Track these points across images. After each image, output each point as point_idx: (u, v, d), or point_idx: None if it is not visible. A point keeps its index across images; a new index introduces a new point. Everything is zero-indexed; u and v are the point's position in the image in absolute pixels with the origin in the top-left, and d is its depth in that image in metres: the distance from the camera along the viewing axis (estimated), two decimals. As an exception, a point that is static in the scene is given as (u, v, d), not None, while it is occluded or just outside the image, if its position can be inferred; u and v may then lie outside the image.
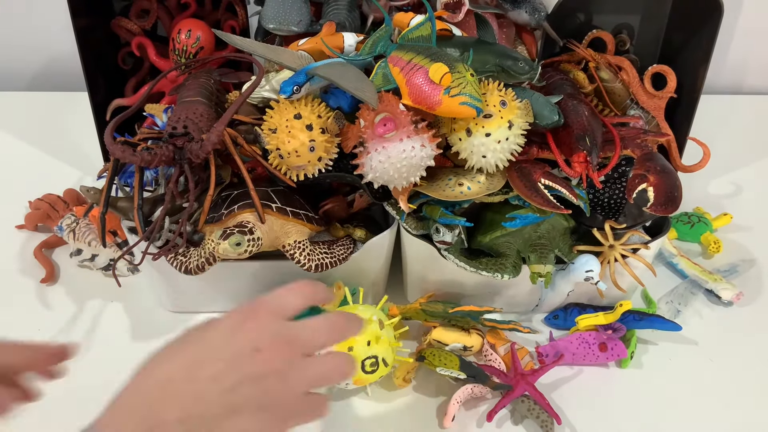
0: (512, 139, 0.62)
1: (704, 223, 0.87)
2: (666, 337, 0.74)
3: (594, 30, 0.81)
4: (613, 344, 0.70)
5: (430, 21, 0.62)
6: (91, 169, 0.96)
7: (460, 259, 0.67)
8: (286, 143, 0.61)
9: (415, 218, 0.69)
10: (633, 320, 0.71)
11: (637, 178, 0.64)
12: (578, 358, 0.70)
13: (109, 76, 0.86)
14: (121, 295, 0.77)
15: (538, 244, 0.69)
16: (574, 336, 0.71)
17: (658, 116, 0.78)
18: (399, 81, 0.60)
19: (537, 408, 0.65)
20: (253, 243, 0.63)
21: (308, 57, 0.66)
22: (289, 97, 0.61)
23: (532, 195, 0.63)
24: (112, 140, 0.60)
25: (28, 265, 0.82)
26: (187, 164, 0.62)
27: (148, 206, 0.67)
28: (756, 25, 1.12)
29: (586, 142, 0.64)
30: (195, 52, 0.79)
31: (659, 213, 0.63)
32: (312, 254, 0.67)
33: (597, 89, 0.78)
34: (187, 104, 0.66)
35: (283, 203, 0.66)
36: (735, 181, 0.99)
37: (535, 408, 0.65)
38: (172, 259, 0.66)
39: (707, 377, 0.71)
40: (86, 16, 0.78)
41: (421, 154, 0.60)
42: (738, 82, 1.20)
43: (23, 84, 1.17)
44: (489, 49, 0.65)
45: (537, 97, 0.65)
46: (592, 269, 0.68)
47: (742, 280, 0.82)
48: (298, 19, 0.70)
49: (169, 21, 0.84)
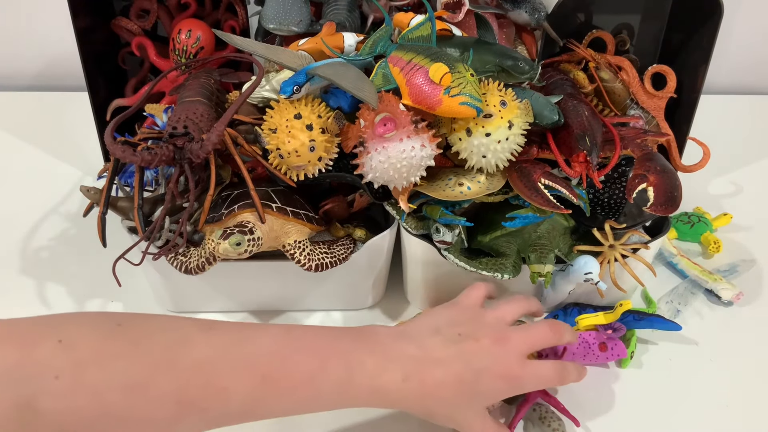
0: (512, 139, 0.62)
1: (704, 223, 0.87)
2: (666, 337, 0.74)
3: (594, 30, 0.81)
4: (613, 344, 0.70)
5: (430, 21, 0.62)
6: (91, 169, 0.96)
7: (460, 259, 0.67)
8: (286, 143, 0.61)
9: (415, 218, 0.69)
10: (633, 320, 0.71)
11: (637, 178, 0.64)
12: (578, 358, 0.70)
13: (109, 76, 0.86)
14: (121, 295, 0.77)
15: (538, 244, 0.69)
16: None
17: (658, 116, 0.78)
18: (399, 81, 0.60)
19: (549, 415, 0.64)
20: (253, 243, 0.63)
21: (308, 57, 0.66)
22: (289, 97, 0.61)
23: (532, 195, 0.63)
24: (112, 140, 0.60)
25: (29, 265, 0.82)
26: (188, 164, 0.62)
27: (148, 206, 0.67)
28: (756, 25, 1.12)
29: (586, 142, 0.64)
30: (195, 52, 0.79)
31: (659, 213, 0.63)
32: (312, 254, 0.67)
33: (597, 89, 0.78)
34: (188, 104, 0.66)
35: (283, 203, 0.67)
36: (735, 181, 0.99)
37: (547, 416, 0.64)
38: (172, 259, 0.66)
39: (707, 377, 0.71)
40: (86, 17, 0.78)
41: (421, 154, 0.60)
42: (738, 82, 1.20)
43: (23, 84, 1.17)
44: (489, 49, 0.65)
45: (537, 97, 0.65)
46: (591, 271, 0.68)
47: (742, 280, 0.82)
48: (298, 19, 0.70)
49: (169, 21, 0.84)
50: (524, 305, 0.64)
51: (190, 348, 0.50)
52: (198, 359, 0.50)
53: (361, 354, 0.55)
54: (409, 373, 0.55)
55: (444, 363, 0.56)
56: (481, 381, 0.56)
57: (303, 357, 0.53)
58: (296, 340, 0.55)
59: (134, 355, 0.48)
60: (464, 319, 0.61)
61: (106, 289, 0.77)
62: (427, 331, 0.59)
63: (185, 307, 0.76)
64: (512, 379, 0.57)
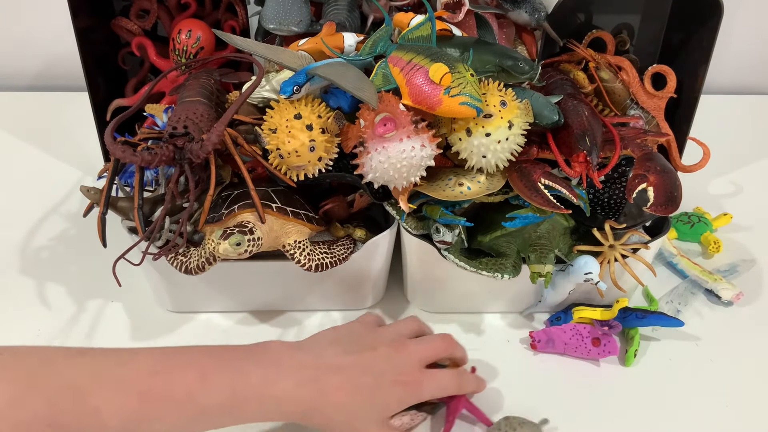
0: (512, 139, 0.62)
1: (704, 223, 0.87)
2: (666, 336, 0.74)
3: (594, 30, 0.81)
4: (607, 341, 0.70)
5: (430, 21, 0.62)
6: (91, 169, 0.96)
7: (460, 259, 0.67)
8: (286, 143, 0.61)
9: (415, 218, 0.69)
10: (635, 318, 0.72)
11: (637, 178, 0.64)
12: (569, 349, 0.71)
13: (109, 76, 0.86)
14: (121, 295, 0.76)
15: (538, 244, 0.69)
16: (568, 326, 0.71)
17: (658, 116, 0.78)
18: (399, 81, 0.60)
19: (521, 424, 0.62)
20: (253, 243, 0.63)
21: (308, 57, 0.66)
22: (289, 97, 0.61)
23: (532, 195, 0.63)
24: (112, 140, 0.60)
25: (29, 265, 0.82)
26: (188, 164, 0.62)
27: (148, 206, 0.67)
28: (756, 25, 1.12)
29: (586, 142, 0.64)
30: (195, 52, 0.79)
31: (659, 213, 0.63)
32: (312, 254, 0.67)
33: (597, 89, 0.78)
34: (188, 104, 0.66)
35: (283, 203, 0.67)
36: (735, 181, 0.99)
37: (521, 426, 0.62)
38: (172, 259, 0.66)
39: (707, 377, 0.71)
40: (86, 17, 0.78)
41: (421, 154, 0.60)
42: (738, 82, 1.20)
43: (23, 84, 1.17)
44: (489, 49, 0.65)
45: (537, 97, 0.65)
46: (591, 271, 0.68)
47: (742, 280, 0.82)
48: (298, 19, 0.70)
49: (169, 21, 0.84)
50: (440, 346, 0.62)
51: (60, 370, 0.50)
52: (68, 381, 0.49)
53: (246, 365, 0.54)
54: (303, 380, 0.54)
55: (342, 370, 0.55)
56: (380, 387, 0.56)
57: (181, 373, 0.52)
58: (175, 357, 0.54)
59: (4, 377, 0.48)
60: (362, 332, 0.61)
61: (106, 289, 0.77)
62: (325, 342, 0.59)
63: (185, 307, 0.76)
64: (410, 384, 0.57)
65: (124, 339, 0.74)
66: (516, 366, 0.71)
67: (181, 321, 0.75)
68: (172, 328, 0.75)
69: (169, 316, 0.76)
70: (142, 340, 0.73)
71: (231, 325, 0.75)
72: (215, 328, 0.75)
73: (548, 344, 0.71)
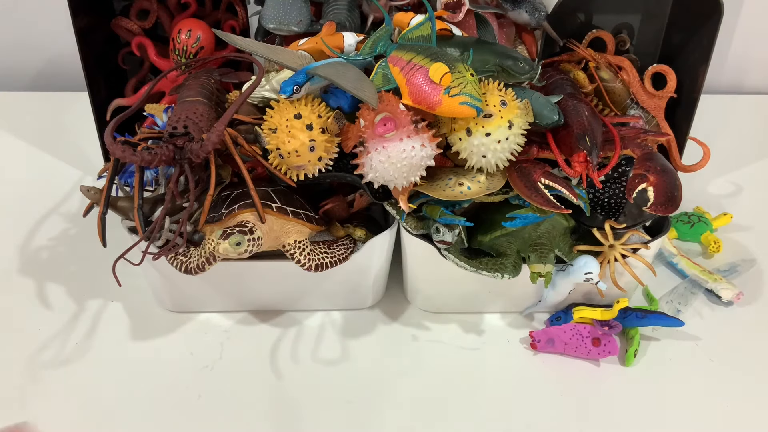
0: (512, 138, 0.62)
1: (704, 223, 0.87)
2: (666, 336, 0.74)
3: (594, 30, 0.81)
4: (607, 341, 0.70)
5: (430, 21, 0.62)
6: (91, 169, 0.96)
7: (460, 259, 0.67)
8: (286, 143, 0.61)
9: (415, 218, 0.69)
10: (636, 318, 0.72)
11: (637, 178, 0.64)
12: (569, 349, 0.71)
13: (109, 76, 0.86)
14: (121, 295, 0.77)
15: (538, 244, 0.69)
16: (568, 326, 0.71)
17: (658, 116, 0.78)
18: (399, 81, 0.60)
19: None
20: (253, 243, 0.63)
21: (308, 57, 0.66)
22: (289, 97, 0.61)
23: (532, 195, 0.63)
24: (112, 140, 0.60)
25: (29, 265, 0.82)
26: (188, 164, 0.62)
27: (148, 206, 0.67)
28: (756, 25, 1.12)
29: (586, 141, 0.64)
30: (195, 52, 0.79)
31: (659, 213, 0.63)
32: (312, 254, 0.67)
33: (597, 89, 0.78)
34: (188, 104, 0.66)
35: (283, 203, 0.67)
36: (735, 181, 0.99)
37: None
38: (172, 259, 0.66)
39: (707, 377, 0.71)
40: (86, 16, 0.78)
41: (421, 154, 0.60)
42: (738, 82, 1.20)
43: (23, 84, 1.17)
44: (489, 49, 0.65)
45: (537, 97, 0.65)
46: (591, 271, 0.68)
47: (742, 280, 0.82)
48: (298, 19, 0.70)
49: (169, 21, 0.84)
50: None
51: None
52: None
53: None
54: None
55: None
56: None
57: None
58: None
59: None
60: None
61: (106, 289, 0.77)
62: None
63: (185, 307, 0.76)
64: None
65: (124, 339, 0.74)
66: (516, 366, 0.71)
67: (181, 321, 0.75)
68: (172, 328, 0.75)
69: (169, 316, 0.76)
70: (142, 340, 0.73)
71: (231, 325, 0.75)
72: (215, 328, 0.75)
73: (548, 344, 0.71)
